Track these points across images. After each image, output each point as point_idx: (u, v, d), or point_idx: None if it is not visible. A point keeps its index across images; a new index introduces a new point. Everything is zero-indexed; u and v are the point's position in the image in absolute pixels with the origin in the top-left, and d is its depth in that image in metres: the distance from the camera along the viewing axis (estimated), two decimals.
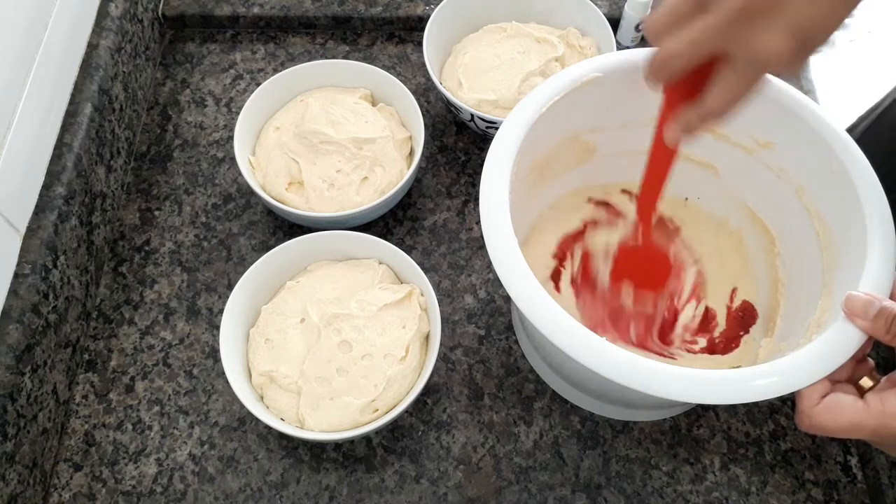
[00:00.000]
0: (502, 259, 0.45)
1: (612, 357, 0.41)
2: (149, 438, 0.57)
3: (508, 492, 0.55)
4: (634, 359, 0.41)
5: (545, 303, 0.43)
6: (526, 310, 0.43)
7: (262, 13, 0.76)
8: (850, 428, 0.40)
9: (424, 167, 0.69)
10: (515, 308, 0.55)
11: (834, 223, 0.49)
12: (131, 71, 0.69)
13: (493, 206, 0.47)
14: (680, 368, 0.41)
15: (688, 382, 0.40)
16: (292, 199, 0.62)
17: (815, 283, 0.49)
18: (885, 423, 0.39)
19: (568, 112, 0.52)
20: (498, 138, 0.49)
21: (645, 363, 0.41)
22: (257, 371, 0.54)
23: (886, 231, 0.45)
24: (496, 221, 0.46)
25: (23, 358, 0.51)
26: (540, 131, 0.51)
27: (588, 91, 0.52)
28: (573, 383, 0.56)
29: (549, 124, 0.51)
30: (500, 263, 0.45)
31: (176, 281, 0.63)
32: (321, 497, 0.55)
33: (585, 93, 0.52)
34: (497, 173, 0.48)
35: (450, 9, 0.70)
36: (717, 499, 0.55)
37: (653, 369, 0.41)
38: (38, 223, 0.56)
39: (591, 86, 0.52)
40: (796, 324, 0.50)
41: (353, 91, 0.68)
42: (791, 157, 0.53)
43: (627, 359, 0.41)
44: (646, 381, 0.41)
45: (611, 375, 0.41)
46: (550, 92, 0.51)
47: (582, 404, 0.57)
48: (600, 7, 0.71)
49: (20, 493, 0.51)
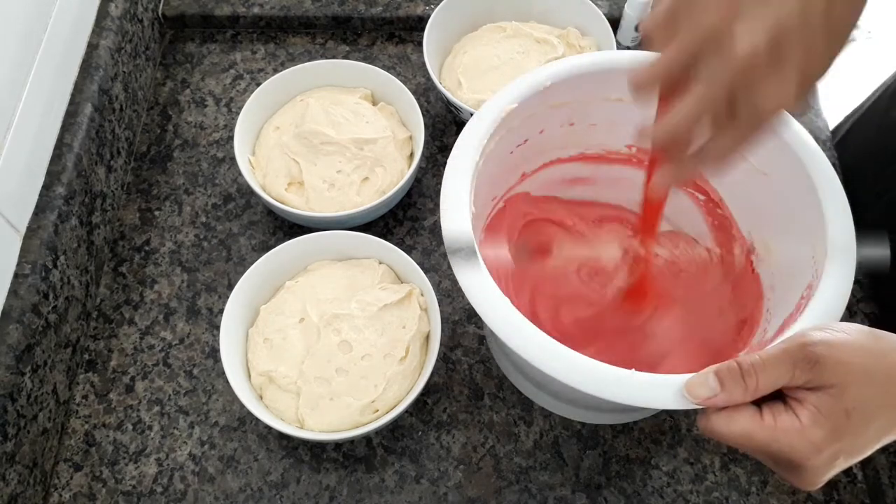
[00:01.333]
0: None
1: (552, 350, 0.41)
2: (149, 438, 0.57)
3: (508, 492, 0.55)
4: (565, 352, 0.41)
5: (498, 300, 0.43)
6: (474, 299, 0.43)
7: (262, 13, 0.76)
8: (741, 437, 0.38)
9: (424, 167, 0.69)
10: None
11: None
12: (131, 71, 0.69)
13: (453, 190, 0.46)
14: (616, 369, 0.40)
15: (616, 383, 0.40)
16: (292, 199, 0.62)
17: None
18: (776, 437, 0.37)
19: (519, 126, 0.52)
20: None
21: (581, 359, 0.41)
22: (256, 371, 0.54)
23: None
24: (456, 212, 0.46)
25: (23, 358, 0.51)
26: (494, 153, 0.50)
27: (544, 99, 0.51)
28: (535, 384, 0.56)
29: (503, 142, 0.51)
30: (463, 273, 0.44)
31: (176, 281, 0.63)
32: (321, 497, 0.55)
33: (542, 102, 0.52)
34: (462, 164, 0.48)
35: (450, 9, 0.70)
36: (717, 499, 0.55)
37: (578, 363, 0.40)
38: (38, 223, 0.56)
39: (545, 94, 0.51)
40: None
41: (354, 91, 0.68)
42: None
43: (548, 344, 0.41)
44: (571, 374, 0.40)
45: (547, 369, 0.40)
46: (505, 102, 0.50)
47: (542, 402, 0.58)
48: (600, 7, 0.71)
49: (20, 493, 0.51)
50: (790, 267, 0.49)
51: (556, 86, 0.50)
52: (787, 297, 0.48)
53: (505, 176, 0.56)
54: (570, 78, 0.51)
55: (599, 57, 0.52)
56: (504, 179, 0.56)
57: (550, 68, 0.51)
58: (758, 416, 0.38)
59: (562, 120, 0.54)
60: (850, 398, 0.36)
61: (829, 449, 0.36)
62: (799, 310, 0.44)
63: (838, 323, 0.39)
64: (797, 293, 0.46)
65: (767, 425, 0.37)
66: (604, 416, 0.57)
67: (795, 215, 0.49)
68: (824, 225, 0.45)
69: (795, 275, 0.48)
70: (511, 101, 0.49)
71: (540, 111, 0.52)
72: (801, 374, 0.36)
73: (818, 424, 0.36)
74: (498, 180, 0.55)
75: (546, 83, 0.50)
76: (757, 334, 0.51)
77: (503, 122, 0.49)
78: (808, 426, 0.36)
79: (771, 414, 0.38)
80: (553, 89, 0.51)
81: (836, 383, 0.36)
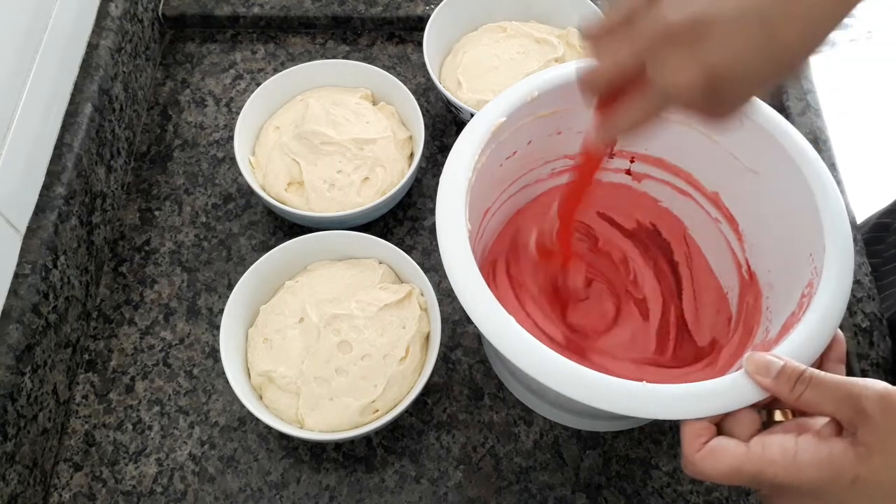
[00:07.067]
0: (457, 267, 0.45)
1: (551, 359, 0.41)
2: (149, 438, 0.57)
3: (508, 492, 0.55)
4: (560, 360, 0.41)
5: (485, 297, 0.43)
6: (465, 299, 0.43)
7: (262, 13, 0.76)
8: (730, 473, 0.37)
9: (425, 167, 0.69)
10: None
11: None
12: (131, 71, 0.69)
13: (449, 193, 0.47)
14: (598, 374, 0.40)
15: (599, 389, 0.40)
16: (292, 200, 0.62)
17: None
18: (763, 469, 0.36)
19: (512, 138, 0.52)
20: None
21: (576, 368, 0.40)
22: (256, 371, 0.54)
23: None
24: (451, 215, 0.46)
25: (23, 358, 0.51)
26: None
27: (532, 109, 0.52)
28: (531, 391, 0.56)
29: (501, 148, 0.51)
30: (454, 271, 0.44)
31: (176, 281, 0.63)
32: (321, 497, 0.55)
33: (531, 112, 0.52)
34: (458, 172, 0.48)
35: (450, 9, 0.70)
36: (717, 499, 0.55)
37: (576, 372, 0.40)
38: (38, 223, 0.56)
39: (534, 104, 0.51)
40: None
41: (354, 91, 0.68)
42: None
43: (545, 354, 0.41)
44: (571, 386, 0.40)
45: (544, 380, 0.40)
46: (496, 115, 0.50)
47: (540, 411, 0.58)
48: (600, 7, 0.71)
49: (20, 493, 0.51)
50: (788, 265, 0.49)
51: (542, 96, 0.51)
52: (787, 295, 0.48)
53: (495, 187, 0.56)
54: (557, 87, 0.51)
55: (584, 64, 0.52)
56: (494, 191, 0.56)
57: (536, 79, 0.51)
58: (742, 449, 0.37)
59: (549, 129, 0.54)
60: (868, 468, 0.35)
61: (808, 487, 0.36)
62: (802, 308, 0.44)
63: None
64: (797, 291, 0.46)
65: (754, 456, 0.37)
66: (605, 423, 0.57)
67: (789, 213, 0.49)
68: (820, 223, 0.45)
69: (794, 273, 0.48)
70: (500, 115, 0.50)
71: (528, 122, 0.52)
72: (843, 414, 0.36)
73: (817, 466, 0.35)
74: (489, 193, 0.55)
75: (533, 94, 0.50)
76: (758, 334, 0.51)
77: (493, 137, 0.50)
78: (805, 462, 0.36)
79: (761, 444, 0.37)
80: (540, 99, 0.51)
81: (867, 443, 0.35)
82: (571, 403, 0.43)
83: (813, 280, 0.45)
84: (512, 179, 0.57)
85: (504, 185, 0.57)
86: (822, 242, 0.45)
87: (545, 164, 0.58)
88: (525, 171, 0.57)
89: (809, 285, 0.45)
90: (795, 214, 0.48)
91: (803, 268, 0.46)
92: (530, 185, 0.59)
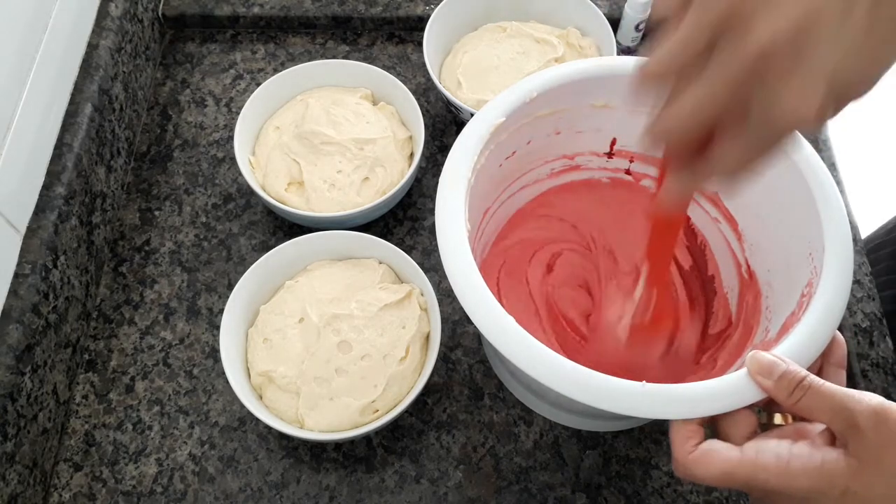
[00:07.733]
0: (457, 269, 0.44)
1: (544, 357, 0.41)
2: (149, 438, 0.57)
3: (508, 492, 0.55)
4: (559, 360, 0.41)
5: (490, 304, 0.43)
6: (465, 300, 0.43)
7: (262, 13, 0.76)
8: (722, 477, 0.36)
9: (424, 167, 0.69)
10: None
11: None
12: (131, 71, 0.69)
13: (449, 198, 0.47)
14: (601, 375, 0.40)
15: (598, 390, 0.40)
16: (292, 200, 0.62)
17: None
18: (755, 474, 0.35)
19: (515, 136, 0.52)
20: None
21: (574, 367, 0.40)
22: (256, 371, 0.54)
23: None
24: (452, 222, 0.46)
25: (23, 358, 0.51)
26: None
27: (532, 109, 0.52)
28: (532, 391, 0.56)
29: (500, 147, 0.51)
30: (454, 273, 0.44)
31: (176, 281, 0.63)
32: (321, 497, 0.55)
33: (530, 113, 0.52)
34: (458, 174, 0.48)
35: (450, 9, 0.70)
36: (717, 499, 0.55)
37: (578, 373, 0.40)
38: (38, 223, 0.56)
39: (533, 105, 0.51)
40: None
41: (354, 91, 0.68)
42: None
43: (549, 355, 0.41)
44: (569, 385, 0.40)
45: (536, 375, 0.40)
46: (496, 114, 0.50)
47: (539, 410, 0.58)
48: (600, 7, 0.71)
49: (20, 493, 0.51)
50: (787, 264, 0.49)
51: (541, 96, 0.51)
52: (786, 295, 0.48)
53: (494, 188, 0.56)
54: (555, 87, 0.51)
55: (584, 65, 0.52)
56: (494, 191, 0.56)
57: (535, 79, 0.51)
58: (735, 453, 0.37)
59: (548, 129, 0.54)
60: (858, 482, 0.34)
61: (799, 495, 0.35)
62: (801, 308, 0.44)
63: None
64: (797, 291, 0.46)
65: (747, 460, 0.36)
66: (605, 423, 0.57)
67: (788, 213, 0.49)
68: (819, 223, 0.45)
69: (793, 272, 0.48)
70: (499, 116, 0.50)
71: (527, 122, 0.52)
72: (837, 426, 0.36)
73: (808, 475, 0.35)
74: (488, 193, 0.55)
75: (532, 94, 0.50)
76: (758, 334, 0.50)
77: (492, 137, 0.50)
78: (798, 470, 0.35)
79: (755, 448, 0.37)
80: (539, 100, 0.51)
81: (858, 457, 0.34)
82: (571, 403, 0.43)
83: (812, 280, 0.45)
84: (511, 179, 0.57)
85: (503, 186, 0.57)
86: (822, 242, 0.45)
87: (544, 164, 0.58)
88: (524, 172, 0.57)
89: (809, 285, 0.45)
90: (795, 214, 0.48)
91: (803, 267, 0.46)
92: (530, 185, 0.59)
